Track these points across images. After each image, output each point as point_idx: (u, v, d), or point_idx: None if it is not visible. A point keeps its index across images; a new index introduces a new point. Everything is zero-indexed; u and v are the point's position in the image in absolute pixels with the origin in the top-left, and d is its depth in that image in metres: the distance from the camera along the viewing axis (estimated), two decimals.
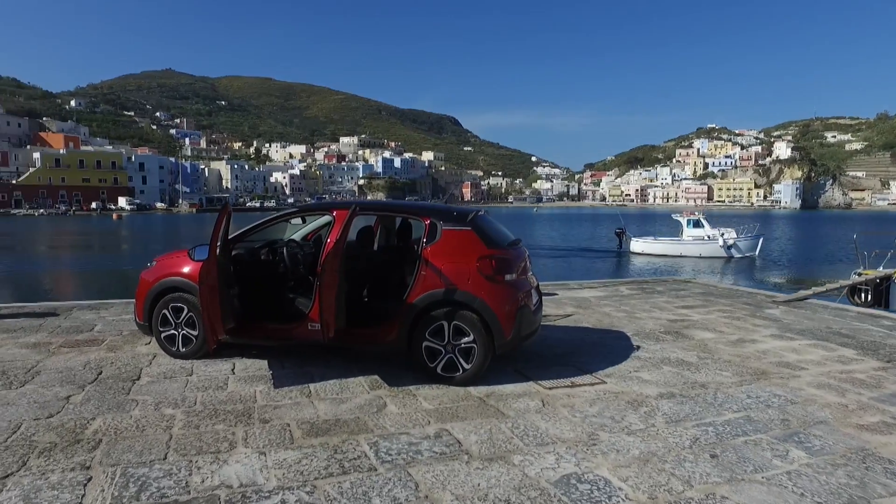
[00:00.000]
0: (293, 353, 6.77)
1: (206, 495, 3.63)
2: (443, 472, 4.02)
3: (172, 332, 6.53)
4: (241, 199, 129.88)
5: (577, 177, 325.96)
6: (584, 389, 5.79)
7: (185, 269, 6.49)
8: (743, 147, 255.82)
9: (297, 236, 7.54)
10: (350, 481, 3.85)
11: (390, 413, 5.08)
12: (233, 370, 6.20)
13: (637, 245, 39.82)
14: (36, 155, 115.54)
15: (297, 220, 7.73)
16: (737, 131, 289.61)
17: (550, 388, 5.79)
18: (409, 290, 5.92)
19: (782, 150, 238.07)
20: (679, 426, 4.90)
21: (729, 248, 37.28)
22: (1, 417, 4.83)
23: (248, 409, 5.10)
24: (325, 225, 7.61)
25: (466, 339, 5.76)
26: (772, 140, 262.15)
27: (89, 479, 3.81)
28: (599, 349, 7.30)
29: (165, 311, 6.51)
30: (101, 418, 4.83)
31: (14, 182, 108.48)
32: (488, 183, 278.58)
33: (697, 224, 39.13)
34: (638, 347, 7.37)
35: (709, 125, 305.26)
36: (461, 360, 5.78)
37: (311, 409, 5.11)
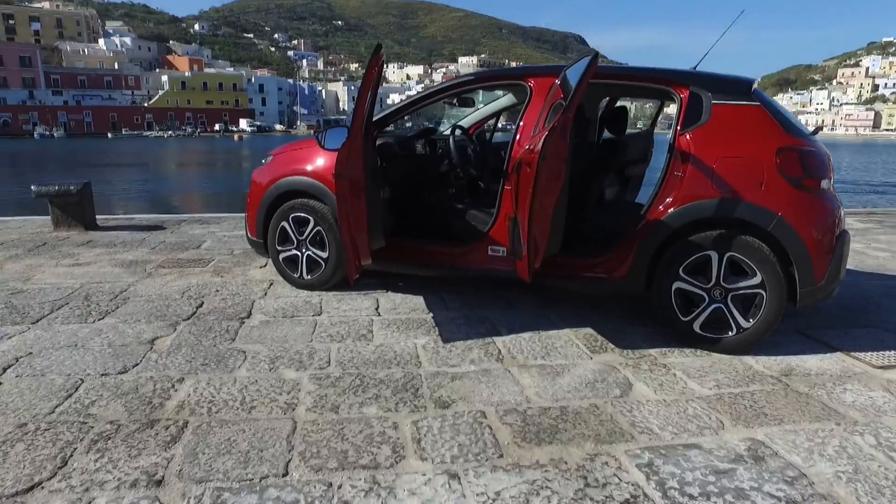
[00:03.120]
0: (454, 286, 4.90)
1: None
2: None
3: (294, 252, 4.77)
4: None
5: None
6: None
7: (311, 166, 4.63)
8: None
9: (464, 123, 5.53)
10: None
11: (646, 399, 3.05)
12: (377, 310, 4.38)
13: None
14: (164, 78, 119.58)
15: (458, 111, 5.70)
16: None
17: (882, 367, 3.57)
18: (651, 200, 3.79)
19: None
20: None
21: None
22: (59, 367, 3.26)
23: (412, 377, 3.24)
24: (498, 112, 5.57)
25: (749, 282, 3.56)
26: None
27: None
28: None
29: (285, 224, 4.73)
30: (192, 380, 3.14)
31: (146, 105, 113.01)
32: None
33: None
34: None
35: (884, 39, 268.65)
36: (736, 315, 3.62)
37: (513, 385, 3.17)
